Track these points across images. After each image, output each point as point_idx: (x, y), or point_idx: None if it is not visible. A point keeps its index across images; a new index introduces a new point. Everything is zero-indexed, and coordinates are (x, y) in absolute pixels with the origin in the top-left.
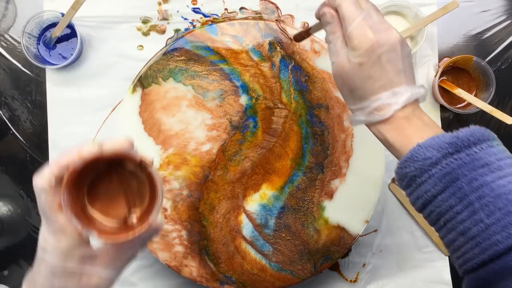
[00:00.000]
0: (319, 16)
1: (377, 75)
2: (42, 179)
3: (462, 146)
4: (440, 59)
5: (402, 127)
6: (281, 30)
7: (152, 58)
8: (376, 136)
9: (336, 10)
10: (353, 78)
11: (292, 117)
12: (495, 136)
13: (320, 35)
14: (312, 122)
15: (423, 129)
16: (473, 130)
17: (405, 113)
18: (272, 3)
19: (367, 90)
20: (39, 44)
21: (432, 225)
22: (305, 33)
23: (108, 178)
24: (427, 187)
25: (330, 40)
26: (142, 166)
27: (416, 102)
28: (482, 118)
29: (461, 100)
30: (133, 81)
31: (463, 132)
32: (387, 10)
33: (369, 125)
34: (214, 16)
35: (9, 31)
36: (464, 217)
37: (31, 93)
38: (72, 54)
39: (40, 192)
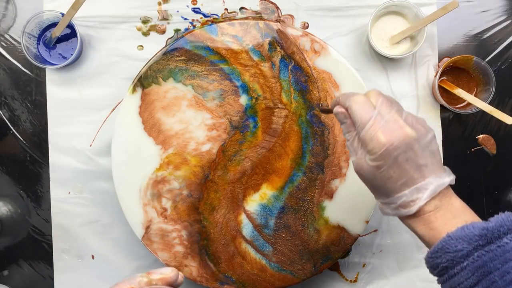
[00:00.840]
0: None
1: (397, 175)
2: None
3: (493, 237)
4: (440, 59)
5: (430, 220)
6: (280, 31)
7: (152, 58)
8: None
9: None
10: (373, 178)
11: (292, 117)
12: None
13: (320, 35)
14: (312, 122)
15: (451, 221)
16: (503, 219)
17: (432, 205)
18: (272, 3)
19: (389, 189)
20: (39, 44)
21: None
22: (330, 111)
23: None
24: (460, 279)
25: (348, 139)
26: None
27: (445, 188)
28: (482, 118)
29: (461, 100)
30: (133, 81)
31: (492, 222)
32: (387, 10)
33: (399, 217)
34: (214, 16)
35: (9, 31)
36: None
37: (31, 93)
38: (72, 54)
39: None
